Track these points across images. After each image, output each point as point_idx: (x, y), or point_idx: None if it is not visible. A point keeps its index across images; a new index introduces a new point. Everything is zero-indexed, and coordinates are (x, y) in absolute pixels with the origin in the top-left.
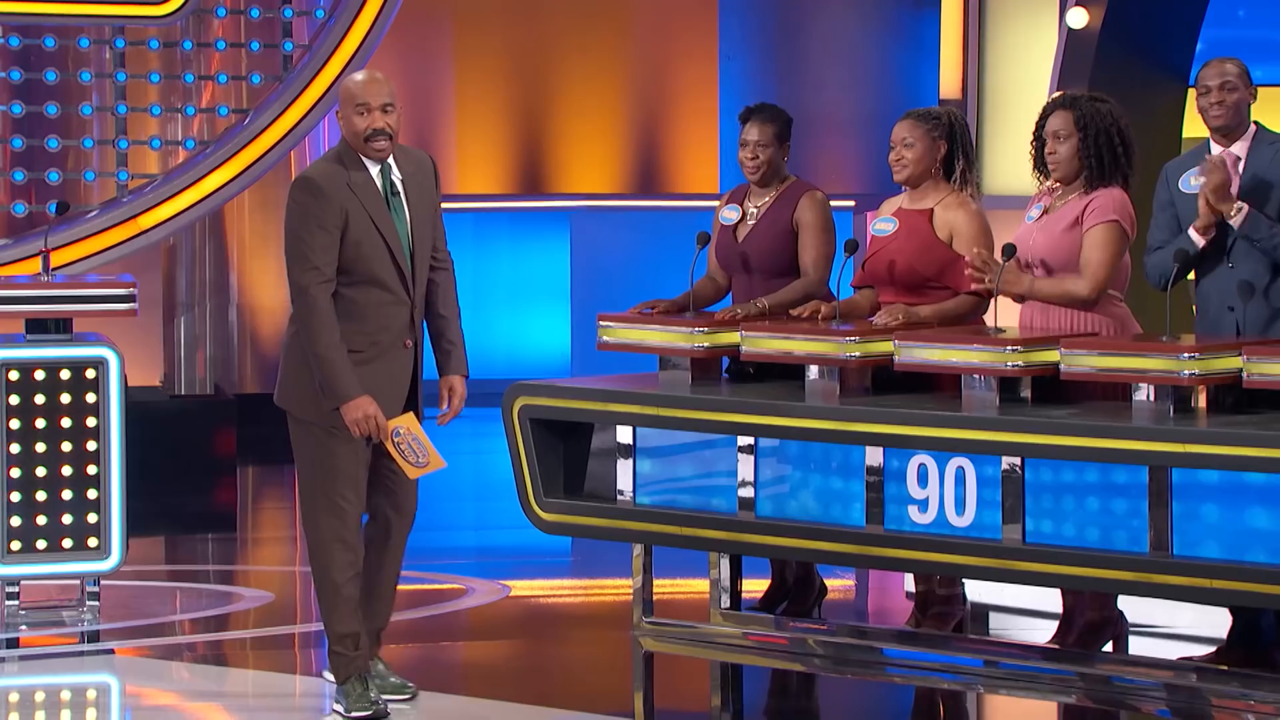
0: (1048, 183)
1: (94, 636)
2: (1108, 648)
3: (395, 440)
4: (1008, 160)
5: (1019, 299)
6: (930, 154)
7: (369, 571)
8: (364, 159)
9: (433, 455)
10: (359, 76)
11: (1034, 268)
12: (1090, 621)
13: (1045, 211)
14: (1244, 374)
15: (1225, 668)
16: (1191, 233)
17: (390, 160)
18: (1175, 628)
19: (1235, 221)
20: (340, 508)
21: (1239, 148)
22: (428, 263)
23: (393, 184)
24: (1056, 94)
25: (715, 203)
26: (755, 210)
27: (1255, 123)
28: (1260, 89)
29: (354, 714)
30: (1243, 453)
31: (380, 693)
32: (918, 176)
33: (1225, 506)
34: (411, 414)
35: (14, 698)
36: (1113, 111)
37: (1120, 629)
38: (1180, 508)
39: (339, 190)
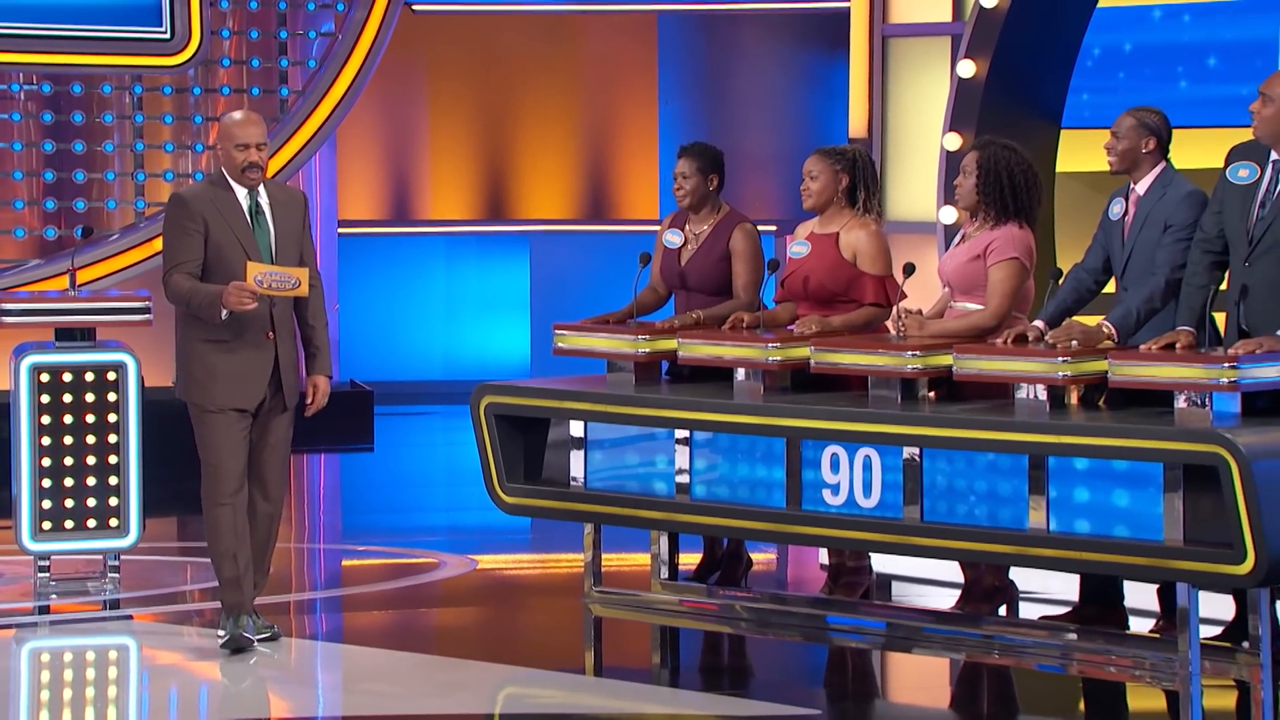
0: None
1: (115, 604)
2: (1002, 611)
3: (259, 284)
4: (908, 190)
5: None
6: (832, 185)
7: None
8: (234, 184)
9: (294, 272)
10: (238, 116)
11: (945, 285)
12: (987, 588)
13: (963, 239)
14: (1109, 374)
15: (1097, 629)
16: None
17: (261, 188)
18: (1049, 593)
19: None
20: (221, 476)
21: (1142, 185)
22: None
23: (258, 205)
24: (984, 138)
25: (656, 227)
26: (695, 236)
27: (1166, 163)
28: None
29: (220, 642)
30: (1108, 443)
31: (255, 634)
32: (822, 204)
33: (1094, 489)
34: (250, 261)
35: (45, 658)
36: (1013, 159)
37: (1012, 594)
38: (1055, 491)
39: (202, 203)
